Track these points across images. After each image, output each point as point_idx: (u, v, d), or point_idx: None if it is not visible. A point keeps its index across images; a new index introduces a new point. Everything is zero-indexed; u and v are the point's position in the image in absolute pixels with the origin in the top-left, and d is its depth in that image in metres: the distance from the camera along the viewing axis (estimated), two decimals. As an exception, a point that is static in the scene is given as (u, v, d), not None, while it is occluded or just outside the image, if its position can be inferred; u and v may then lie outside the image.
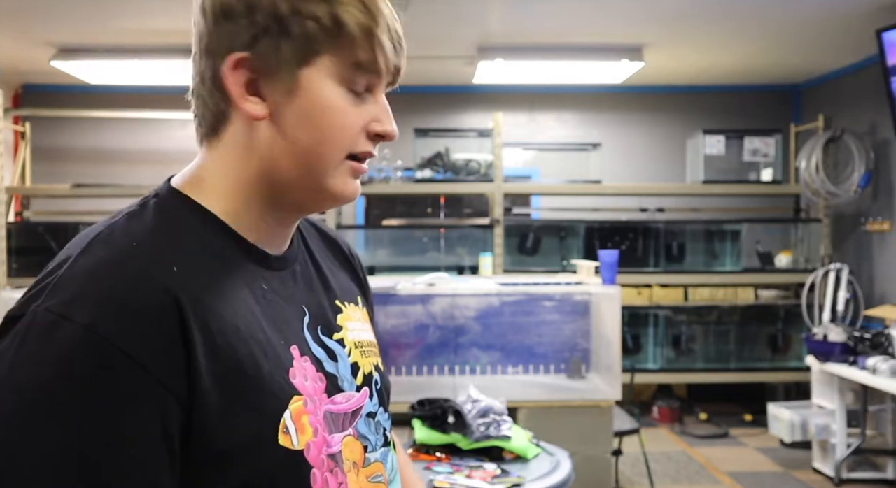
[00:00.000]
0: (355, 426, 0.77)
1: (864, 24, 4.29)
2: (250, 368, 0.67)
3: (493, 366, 3.47)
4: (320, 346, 0.77)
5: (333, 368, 0.77)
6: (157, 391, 0.60)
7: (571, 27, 4.57)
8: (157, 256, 0.66)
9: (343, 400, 0.76)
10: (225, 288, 0.69)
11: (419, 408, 2.34)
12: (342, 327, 0.81)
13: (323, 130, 0.72)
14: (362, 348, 0.83)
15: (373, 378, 0.83)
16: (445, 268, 4.83)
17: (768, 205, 5.90)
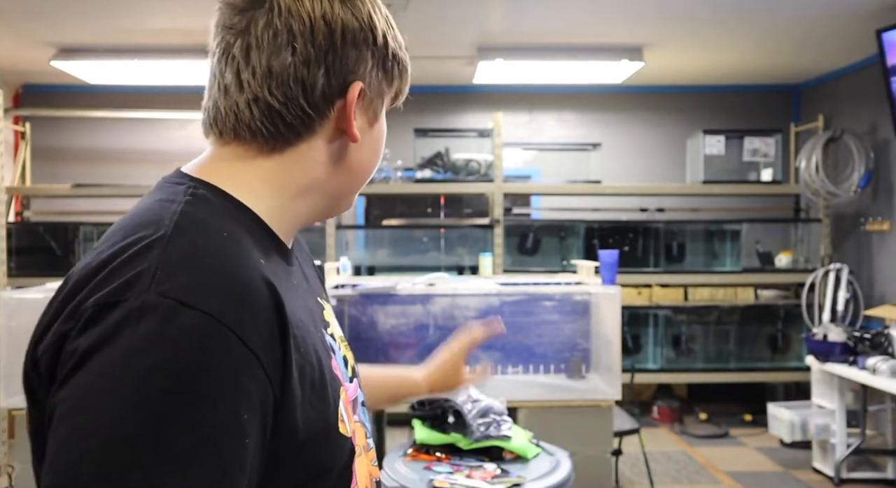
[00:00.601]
0: (359, 414, 0.81)
1: (864, 24, 4.29)
2: (317, 361, 0.69)
3: (492, 366, 3.47)
4: None
5: (339, 360, 0.80)
6: (264, 383, 0.61)
7: (571, 27, 4.57)
8: (248, 248, 0.67)
9: (352, 388, 0.80)
10: (284, 282, 0.70)
11: (419, 408, 2.34)
12: (328, 322, 0.82)
13: (379, 156, 0.81)
14: (344, 342, 0.86)
15: (356, 370, 0.86)
16: (445, 268, 4.83)
17: (768, 205, 5.90)
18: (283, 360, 0.63)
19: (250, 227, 0.71)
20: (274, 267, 0.70)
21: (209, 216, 0.67)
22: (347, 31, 0.72)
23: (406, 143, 5.45)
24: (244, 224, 0.71)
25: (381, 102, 0.79)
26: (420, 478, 2.00)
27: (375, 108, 0.78)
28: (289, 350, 0.64)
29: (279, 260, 0.74)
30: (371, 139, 0.79)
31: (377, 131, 0.80)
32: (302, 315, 0.70)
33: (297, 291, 0.74)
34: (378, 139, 0.80)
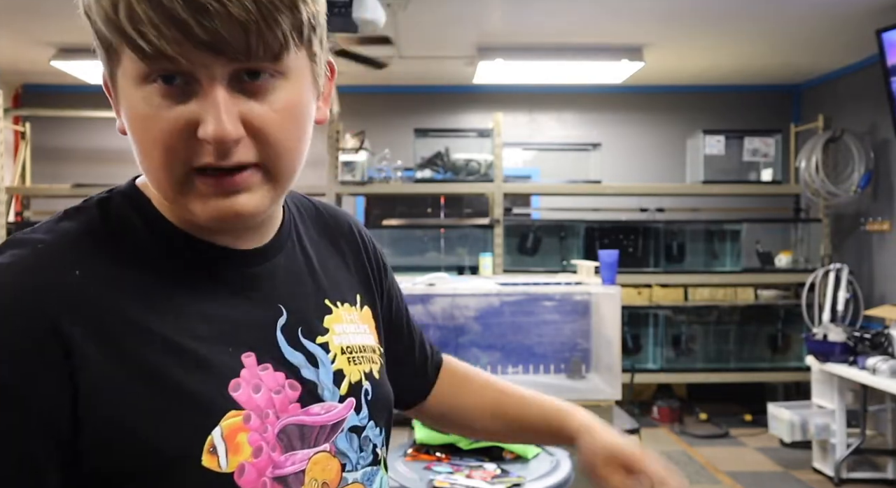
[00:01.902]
0: (334, 441, 0.69)
1: (864, 24, 4.29)
2: (165, 381, 0.60)
3: (493, 366, 3.47)
4: (298, 350, 0.69)
5: (313, 374, 0.69)
6: (22, 411, 0.56)
7: (571, 27, 4.57)
8: (55, 262, 0.60)
9: (321, 411, 0.68)
10: (148, 292, 0.62)
11: (419, 408, 2.34)
12: (328, 330, 0.73)
13: (139, 143, 0.61)
14: (352, 354, 0.74)
15: (362, 388, 0.74)
16: (445, 268, 4.83)
17: (768, 205, 5.90)
18: (67, 384, 0.57)
19: (145, 235, 0.65)
20: (140, 276, 0.62)
21: (61, 226, 0.64)
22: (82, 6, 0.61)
23: (406, 143, 5.45)
24: (135, 232, 0.65)
25: (111, 75, 0.63)
26: (420, 478, 2.00)
27: (113, 83, 0.63)
28: (82, 371, 0.57)
29: (197, 265, 0.66)
30: (126, 123, 0.63)
31: (124, 111, 0.62)
32: (167, 329, 0.61)
33: (216, 300, 0.65)
34: (127, 120, 0.62)
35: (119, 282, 0.62)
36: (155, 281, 0.63)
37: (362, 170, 5.00)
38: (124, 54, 0.59)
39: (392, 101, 6.11)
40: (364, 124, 5.47)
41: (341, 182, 5.02)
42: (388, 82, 5.88)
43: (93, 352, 0.58)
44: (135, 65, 0.58)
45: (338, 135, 5.10)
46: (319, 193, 5.12)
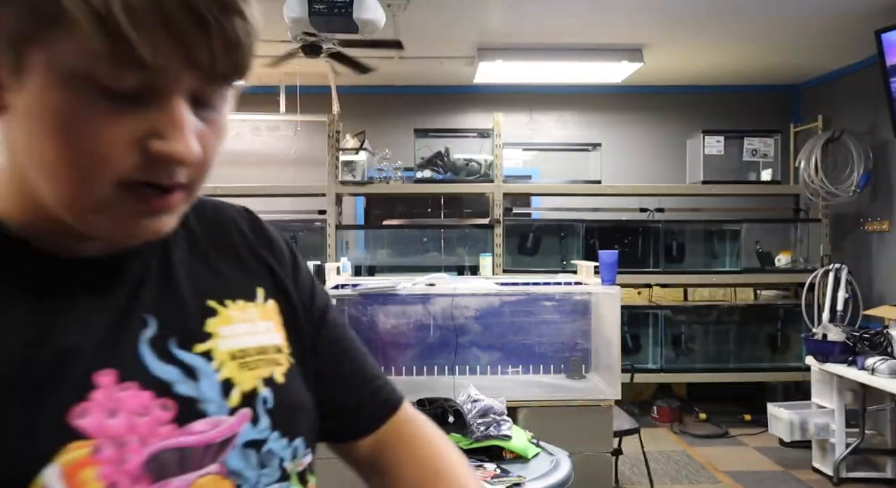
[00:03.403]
0: (224, 460, 0.60)
1: (863, 24, 4.30)
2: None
3: (493, 366, 3.47)
4: (171, 363, 0.61)
5: (191, 389, 0.60)
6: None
7: (571, 27, 4.58)
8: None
9: (206, 428, 0.60)
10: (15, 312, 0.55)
11: (419, 408, 2.34)
12: (212, 334, 0.64)
13: (55, 145, 0.52)
14: (244, 358, 0.65)
15: (257, 396, 0.64)
16: (445, 268, 4.83)
17: (768, 205, 5.90)
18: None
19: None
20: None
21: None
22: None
23: (406, 143, 5.46)
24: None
25: (8, 50, 0.52)
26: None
27: (6, 56, 0.52)
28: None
29: (34, 277, 0.58)
30: (24, 111, 0.53)
31: (31, 100, 0.52)
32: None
33: (56, 316, 0.57)
34: (38, 114, 0.52)
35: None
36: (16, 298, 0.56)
37: (362, 170, 5.00)
38: (70, 39, 0.49)
39: (392, 101, 6.11)
40: (364, 124, 5.47)
41: (341, 182, 5.03)
42: (388, 82, 5.89)
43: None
44: (89, 61, 0.50)
45: (338, 136, 5.10)
46: (320, 193, 5.13)
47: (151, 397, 0.58)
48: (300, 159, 6.08)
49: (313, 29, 3.52)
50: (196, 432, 0.59)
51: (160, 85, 0.52)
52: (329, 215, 5.09)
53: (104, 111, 0.51)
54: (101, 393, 0.56)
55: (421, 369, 3.49)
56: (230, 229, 0.73)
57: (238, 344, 0.66)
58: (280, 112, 5.54)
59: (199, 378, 0.62)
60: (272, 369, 0.67)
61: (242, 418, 0.63)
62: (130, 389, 0.57)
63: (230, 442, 0.61)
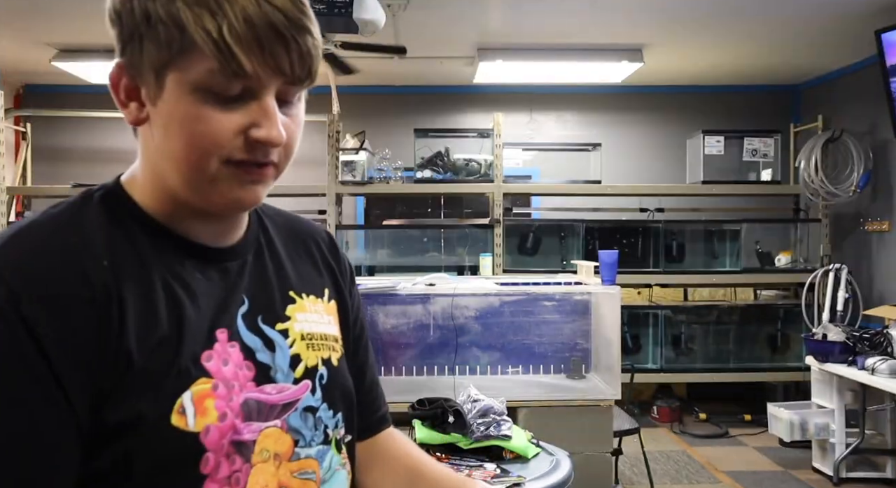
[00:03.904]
0: (286, 419, 0.76)
1: (863, 24, 4.30)
2: (152, 350, 0.69)
3: (493, 366, 3.47)
4: (256, 335, 0.77)
5: (268, 358, 0.77)
6: (50, 378, 0.64)
7: (571, 27, 4.58)
8: (79, 245, 0.69)
9: (273, 391, 0.76)
10: (141, 277, 0.71)
11: (419, 408, 2.35)
12: (290, 317, 0.81)
13: (184, 137, 0.70)
14: (311, 340, 0.82)
15: (317, 372, 0.81)
16: (445, 268, 4.83)
17: (768, 205, 5.90)
18: (96, 350, 0.66)
19: (134, 229, 0.74)
20: (134, 264, 0.72)
21: (63, 218, 0.72)
22: (109, 13, 0.74)
23: (406, 143, 5.46)
24: (125, 226, 0.74)
25: (153, 75, 0.70)
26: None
27: (150, 82, 0.71)
28: (107, 338, 0.66)
29: (178, 257, 0.75)
30: (162, 116, 0.71)
31: (168, 108, 0.70)
32: (160, 307, 0.71)
33: (192, 287, 0.74)
34: (172, 116, 0.70)
35: (120, 266, 0.71)
36: (141, 268, 0.72)
37: (362, 170, 5.00)
38: (196, 61, 0.67)
39: (392, 101, 6.11)
40: (364, 124, 5.47)
41: (341, 182, 5.03)
42: (388, 82, 5.89)
43: (114, 323, 0.68)
44: (209, 76, 0.68)
45: (338, 136, 5.10)
46: (320, 193, 5.13)
47: (243, 357, 0.75)
48: (300, 159, 6.04)
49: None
50: (267, 392, 0.75)
51: (256, 88, 0.69)
52: (329, 215, 5.09)
53: (218, 110, 0.69)
54: (219, 345, 0.73)
55: (421, 369, 3.49)
56: (310, 240, 0.92)
57: (307, 328, 0.82)
58: (280, 112, 5.54)
59: (276, 350, 0.78)
60: (330, 353, 0.84)
61: (304, 387, 0.79)
62: (235, 347, 0.74)
63: (293, 405, 0.77)
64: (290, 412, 0.77)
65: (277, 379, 0.77)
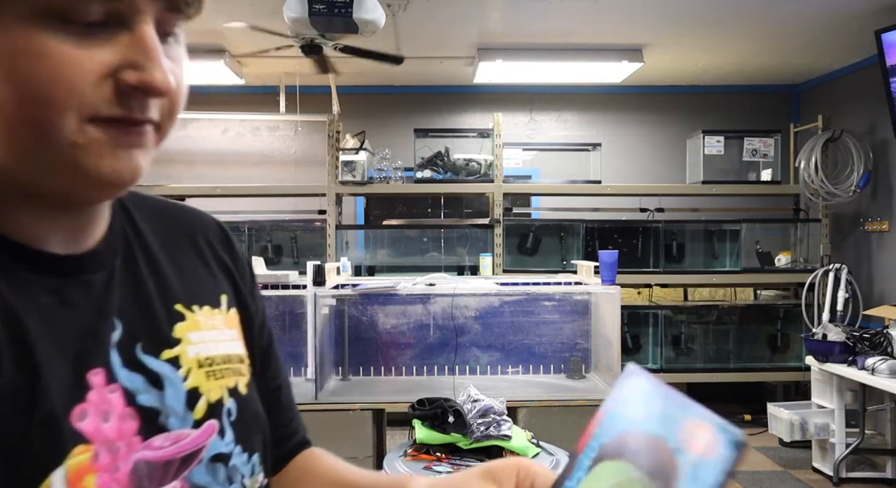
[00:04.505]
0: (187, 476, 0.57)
1: (863, 24, 4.30)
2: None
3: (493, 366, 3.47)
4: (136, 370, 0.56)
5: (155, 399, 0.56)
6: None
7: (571, 27, 4.58)
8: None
9: (166, 444, 0.56)
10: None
11: (419, 408, 2.35)
12: (180, 340, 0.61)
13: (19, 86, 0.48)
14: (212, 366, 0.62)
15: (223, 407, 0.61)
16: (445, 268, 4.83)
17: (768, 205, 5.90)
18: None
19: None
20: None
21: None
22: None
23: (406, 143, 5.46)
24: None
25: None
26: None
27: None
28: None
29: (16, 272, 0.53)
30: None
31: (6, 45, 0.48)
32: None
33: (45, 313, 0.52)
34: (11, 56, 0.48)
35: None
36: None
37: (362, 170, 5.00)
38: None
39: (392, 101, 6.11)
40: (364, 124, 5.47)
41: (341, 182, 5.03)
42: (388, 82, 5.89)
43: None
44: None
45: (338, 136, 5.10)
46: (320, 193, 5.13)
47: (124, 404, 0.55)
48: (300, 159, 6.08)
49: (314, 29, 3.52)
50: (156, 447, 0.55)
51: (126, 13, 0.50)
52: (329, 215, 5.09)
53: (71, 44, 0.48)
54: (95, 393, 0.53)
55: (421, 369, 3.49)
56: (197, 234, 0.71)
57: (205, 351, 0.62)
58: (280, 112, 5.54)
59: (165, 386, 0.58)
60: (237, 379, 0.65)
61: (208, 430, 0.60)
62: (117, 392, 0.54)
63: (196, 456, 0.58)
64: (192, 466, 0.57)
65: (170, 426, 0.57)
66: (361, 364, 3.58)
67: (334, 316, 3.53)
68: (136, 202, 0.66)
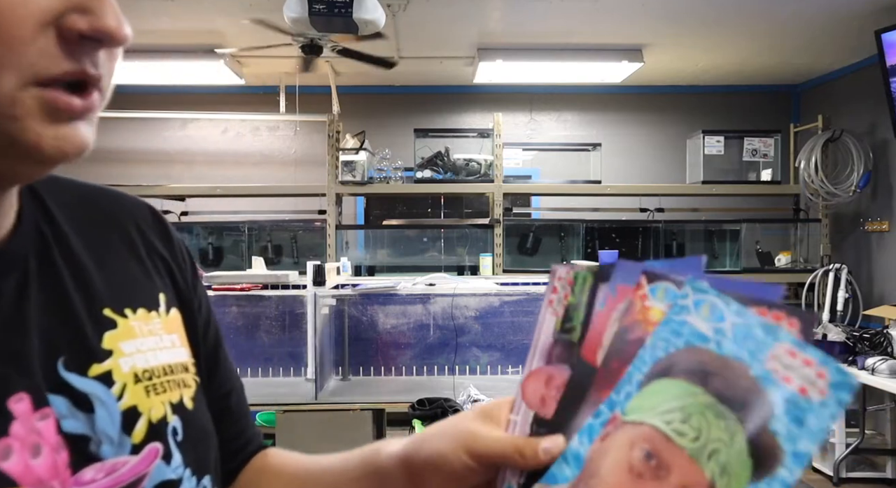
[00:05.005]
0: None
1: (863, 24, 4.30)
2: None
3: (493, 366, 3.48)
4: (58, 392, 0.48)
5: (82, 425, 0.48)
6: None
7: (571, 27, 4.58)
8: None
9: (98, 476, 0.48)
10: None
11: (419, 408, 2.35)
12: (111, 352, 0.52)
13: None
14: (151, 380, 0.53)
15: (166, 427, 0.53)
16: (445, 268, 4.83)
17: (768, 205, 5.90)
18: None
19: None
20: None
21: None
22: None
23: (406, 143, 5.46)
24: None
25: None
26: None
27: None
28: None
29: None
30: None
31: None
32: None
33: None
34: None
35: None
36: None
37: (362, 170, 5.00)
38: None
39: (392, 101, 6.11)
40: (364, 124, 5.47)
41: (341, 182, 5.03)
42: (388, 82, 5.89)
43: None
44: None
45: (338, 136, 5.10)
46: (320, 193, 5.13)
47: (55, 434, 0.47)
48: (300, 159, 6.08)
49: (313, 29, 3.53)
50: (85, 482, 0.47)
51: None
52: (329, 215, 5.09)
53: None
54: (19, 425, 0.44)
55: (421, 369, 3.49)
56: (127, 221, 0.61)
57: (142, 362, 0.53)
58: (280, 112, 5.54)
59: (95, 408, 0.49)
60: (181, 392, 0.56)
61: (151, 455, 0.51)
62: (49, 417, 0.46)
63: (135, 486, 0.49)
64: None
65: (103, 455, 0.48)
66: (361, 364, 3.58)
67: (334, 316, 3.53)
68: (49, 186, 0.55)
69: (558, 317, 0.55)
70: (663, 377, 0.46)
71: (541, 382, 0.54)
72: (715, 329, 0.45)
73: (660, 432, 0.46)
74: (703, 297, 0.46)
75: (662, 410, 0.46)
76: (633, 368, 0.48)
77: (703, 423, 0.44)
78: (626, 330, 0.49)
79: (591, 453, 0.48)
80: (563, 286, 0.56)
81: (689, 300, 0.47)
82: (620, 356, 0.49)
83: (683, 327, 0.46)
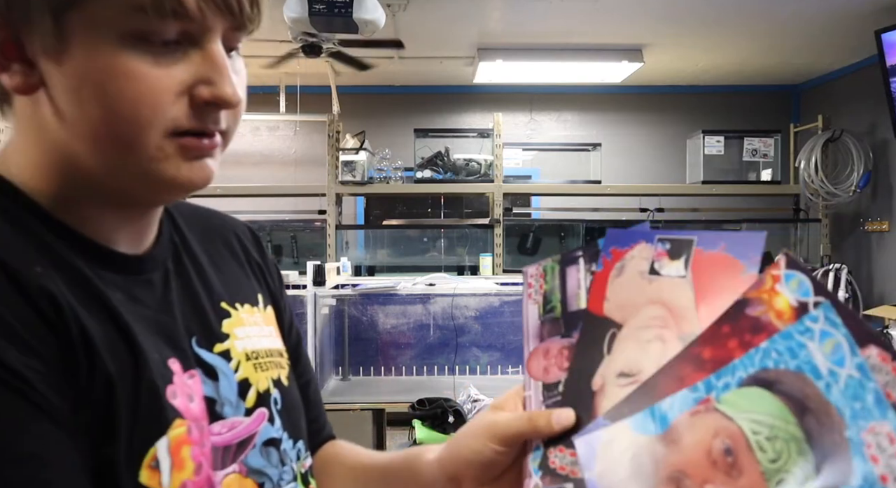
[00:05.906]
0: (244, 460, 0.61)
1: (863, 24, 4.30)
2: (117, 386, 0.53)
3: (493, 366, 3.48)
4: (196, 363, 0.61)
5: (211, 389, 0.61)
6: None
7: (571, 27, 4.58)
8: (18, 252, 0.53)
9: (224, 430, 0.60)
10: (76, 286, 0.55)
11: (419, 408, 2.35)
12: (228, 335, 0.65)
13: (107, 104, 0.52)
14: (257, 359, 0.67)
15: (270, 396, 0.66)
16: (445, 268, 4.83)
17: (768, 205, 5.90)
18: (68, 382, 0.50)
19: (15, 219, 0.55)
20: (71, 274, 0.55)
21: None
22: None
23: (406, 143, 5.46)
24: (27, 224, 0.55)
25: (48, 18, 0.51)
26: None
27: (45, 28, 0.52)
28: (77, 365, 0.51)
29: (91, 266, 0.57)
30: (68, 78, 0.52)
31: (77, 64, 0.52)
32: (112, 330, 0.55)
33: (125, 307, 0.57)
34: (85, 76, 0.52)
35: (60, 277, 0.54)
36: (81, 279, 0.55)
37: (362, 170, 5.01)
38: (104, 3, 0.51)
39: (392, 101, 6.11)
40: (364, 124, 5.47)
41: (341, 182, 5.03)
42: (388, 82, 5.89)
43: (80, 351, 0.53)
44: (135, 15, 0.51)
45: (338, 136, 5.10)
46: (320, 193, 5.13)
47: (202, 392, 0.60)
48: (300, 159, 6.08)
49: (313, 29, 3.53)
50: (216, 433, 0.60)
51: (197, 33, 0.54)
52: (329, 215, 5.09)
53: (150, 64, 0.53)
54: (178, 378, 0.58)
55: (421, 369, 3.50)
56: (231, 236, 0.76)
57: (250, 345, 0.67)
58: (280, 112, 5.55)
59: (219, 378, 0.62)
60: (279, 372, 0.69)
61: (259, 418, 0.64)
62: (196, 377, 0.60)
63: (249, 441, 0.62)
64: (247, 451, 0.62)
65: (226, 414, 0.61)
66: (361, 364, 3.58)
67: (334, 316, 3.53)
68: (177, 206, 0.71)
69: (539, 304, 0.63)
70: (765, 388, 0.48)
71: (540, 357, 0.62)
72: (830, 371, 0.45)
73: (745, 437, 0.48)
74: (831, 331, 0.46)
75: (753, 419, 0.48)
76: (740, 364, 0.49)
77: (784, 451, 0.46)
78: (746, 301, 0.51)
79: (678, 421, 0.51)
80: (536, 280, 0.64)
81: (817, 326, 0.47)
82: (730, 320, 0.51)
83: (802, 351, 0.47)
